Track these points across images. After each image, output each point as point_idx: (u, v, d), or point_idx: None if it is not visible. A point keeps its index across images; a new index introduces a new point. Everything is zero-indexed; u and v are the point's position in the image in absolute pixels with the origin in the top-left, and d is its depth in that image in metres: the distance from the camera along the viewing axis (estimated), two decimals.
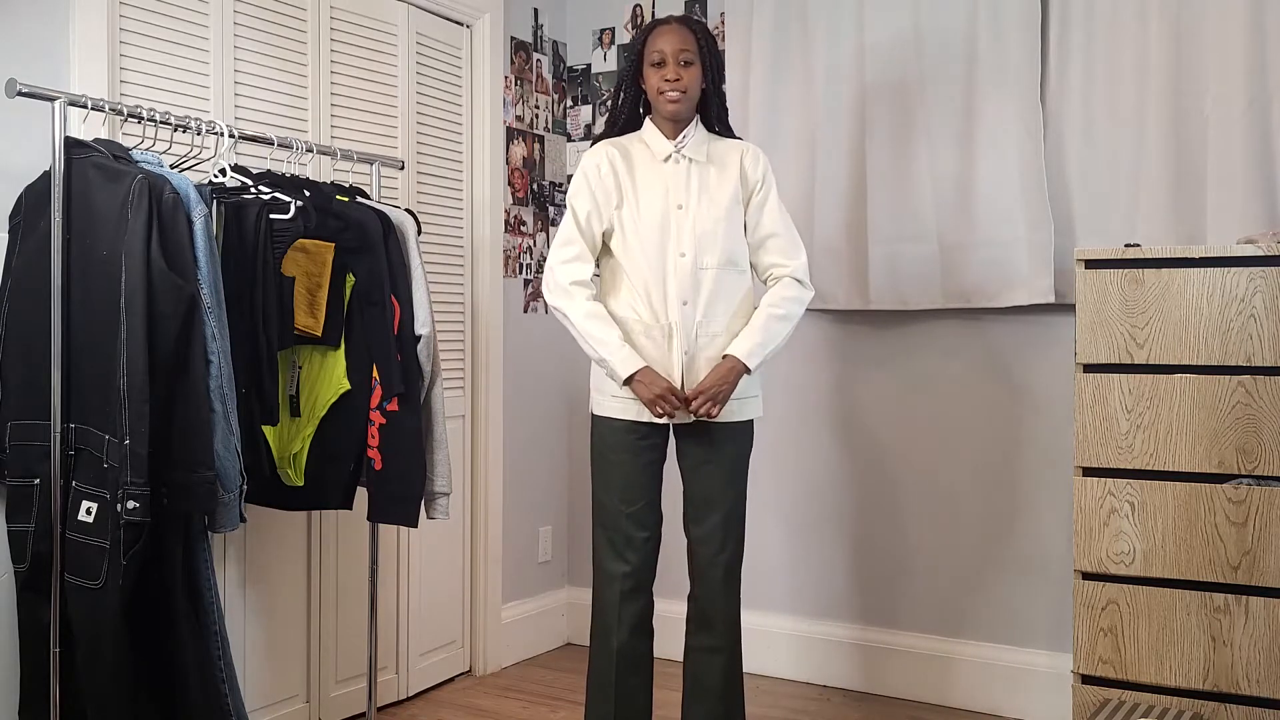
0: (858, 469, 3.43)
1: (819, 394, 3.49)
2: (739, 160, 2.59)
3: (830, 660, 3.46)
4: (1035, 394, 3.16)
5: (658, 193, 2.54)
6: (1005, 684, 3.19)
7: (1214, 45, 2.82)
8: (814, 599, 3.50)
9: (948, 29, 3.17)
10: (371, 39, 3.15)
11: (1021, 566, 3.18)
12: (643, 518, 2.53)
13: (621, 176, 2.54)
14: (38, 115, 2.26)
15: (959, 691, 3.26)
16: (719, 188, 2.55)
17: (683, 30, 2.54)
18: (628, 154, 2.58)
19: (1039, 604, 3.15)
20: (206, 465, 2.19)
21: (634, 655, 2.57)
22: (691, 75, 2.52)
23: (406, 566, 3.31)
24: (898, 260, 3.24)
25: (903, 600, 3.37)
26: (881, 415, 3.39)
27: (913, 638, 3.35)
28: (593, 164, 2.56)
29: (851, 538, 3.44)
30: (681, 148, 2.56)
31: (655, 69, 2.53)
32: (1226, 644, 2.37)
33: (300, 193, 2.55)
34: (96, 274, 2.15)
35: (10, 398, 2.22)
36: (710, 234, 2.51)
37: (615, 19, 3.85)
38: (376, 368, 2.62)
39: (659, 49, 2.52)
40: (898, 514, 3.37)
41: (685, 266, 2.50)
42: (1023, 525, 3.18)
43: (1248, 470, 2.35)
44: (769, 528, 3.57)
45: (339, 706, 3.08)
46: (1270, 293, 2.32)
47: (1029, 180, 3.04)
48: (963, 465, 3.27)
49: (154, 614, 2.24)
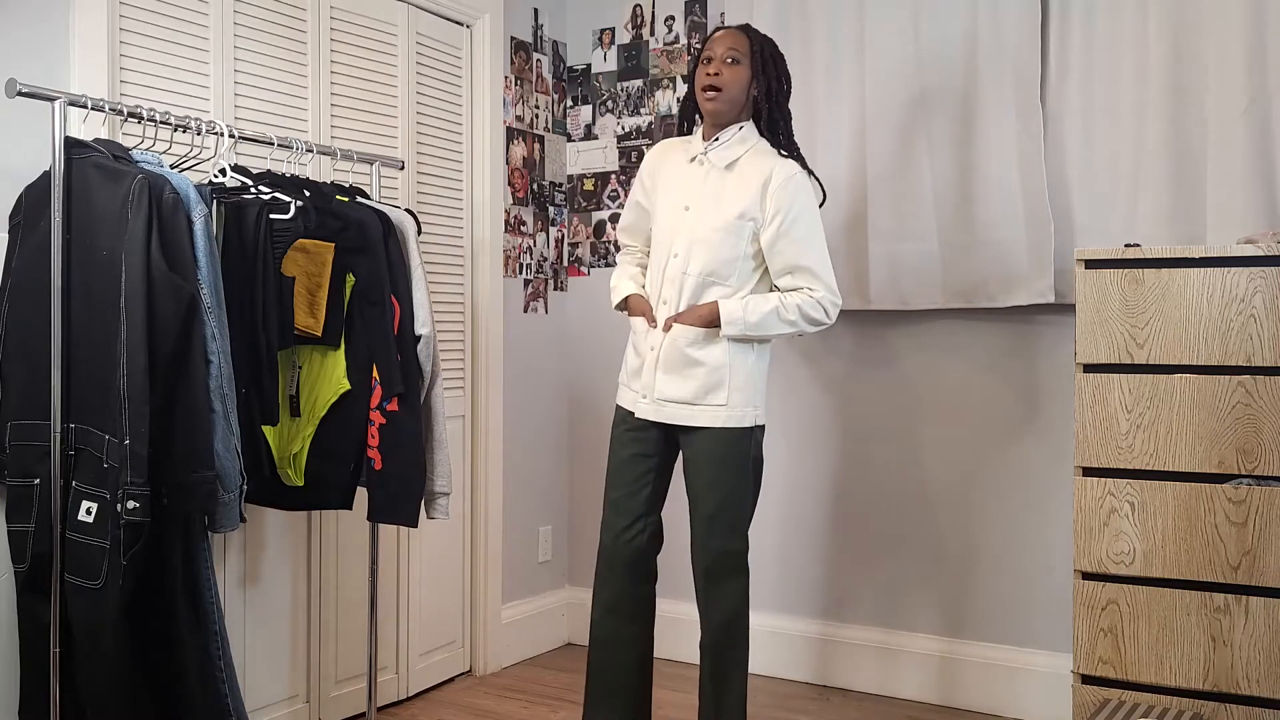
0: (857, 469, 3.43)
1: (819, 394, 3.49)
2: (765, 179, 2.51)
3: (830, 660, 3.46)
4: (1035, 394, 3.16)
5: (675, 192, 2.59)
6: (1005, 684, 3.19)
7: (1214, 45, 2.82)
8: (813, 599, 3.50)
9: (948, 29, 3.17)
10: (371, 39, 3.15)
11: (1021, 566, 3.18)
12: (622, 505, 2.63)
13: (656, 175, 2.68)
14: (38, 115, 2.26)
15: (959, 691, 3.26)
16: (733, 200, 2.52)
17: (737, 34, 2.56)
18: (673, 152, 2.67)
19: (1039, 604, 3.15)
20: (206, 465, 2.19)
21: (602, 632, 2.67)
22: (735, 75, 2.51)
23: (406, 566, 3.31)
24: (898, 260, 3.24)
25: (903, 600, 3.37)
26: (881, 415, 3.39)
27: (913, 638, 3.35)
28: (645, 160, 2.74)
29: (851, 538, 3.44)
30: (709, 150, 2.57)
31: (703, 66, 2.55)
32: (1226, 644, 2.37)
33: (300, 193, 2.55)
34: (97, 274, 2.15)
35: (10, 397, 2.22)
36: (702, 242, 2.52)
37: (615, 19, 3.85)
38: (376, 368, 2.62)
39: (710, 50, 2.55)
40: (898, 514, 3.37)
41: (675, 268, 2.55)
42: (1023, 525, 3.18)
43: (1248, 470, 2.35)
44: (769, 528, 3.57)
45: (339, 706, 3.08)
46: (1270, 293, 2.32)
47: (1029, 180, 3.04)
48: (963, 465, 3.27)
49: (154, 614, 2.23)
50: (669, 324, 2.54)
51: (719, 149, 2.56)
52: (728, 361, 2.52)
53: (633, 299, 2.66)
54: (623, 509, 2.64)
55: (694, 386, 2.53)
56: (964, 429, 3.27)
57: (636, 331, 2.64)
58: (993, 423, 3.23)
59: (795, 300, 2.52)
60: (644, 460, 2.63)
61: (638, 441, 2.63)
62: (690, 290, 2.53)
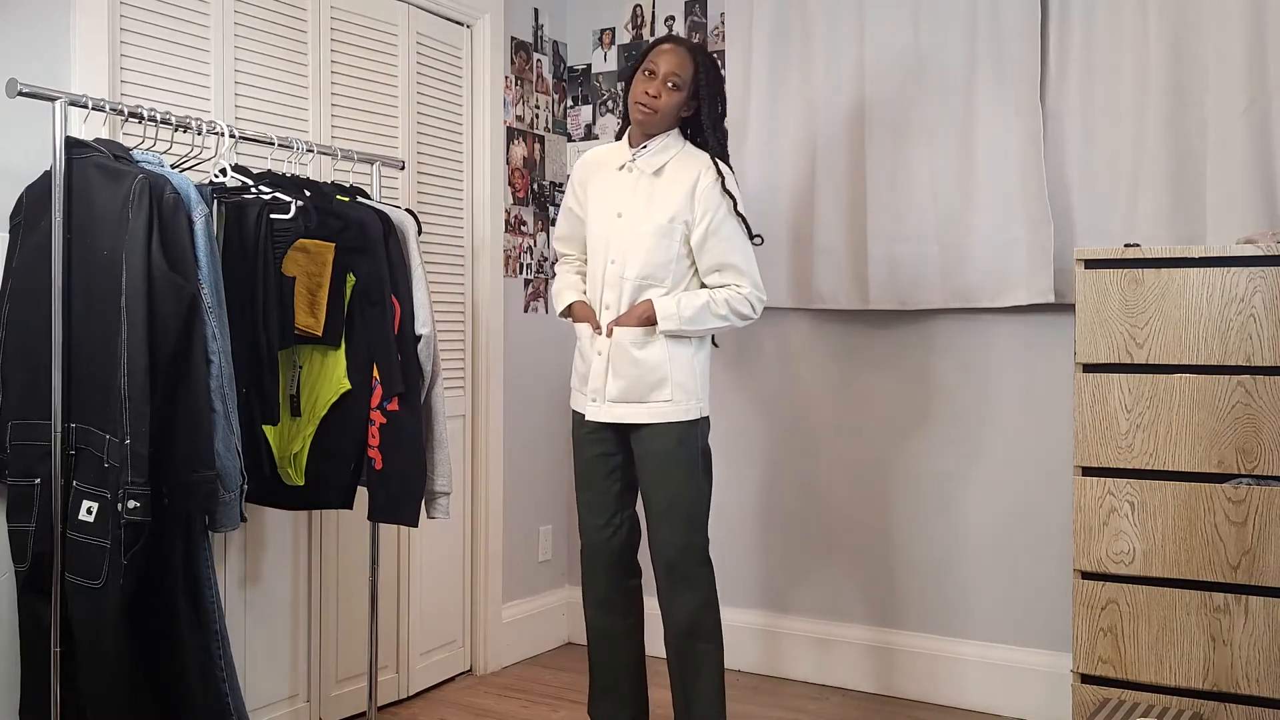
0: (857, 469, 3.43)
1: (819, 394, 3.49)
2: (694, 181, 2.59)
3: (830, 660, 3.46)
4: (1035, 394, 3.16)
5: (607, 200, 2.67)
6: (1005, 684, 3.19)
7: (1214, 45, 2.82)
8: (813, 598, 3.50)
9: (948, 29, 3.17)
10: (372, 39, 3.15)
11: (1021, 566, 3.18)
12: (596, 505, 2.72)
13: (588, 184, 2.74)
14: (38, 115, 2.26)
15: (959, 691, 3.26)
16: (662, 204, 2.60)
17: (685, 57, 2.59)
18: (602, 160, 2.74)
19: (1039, 604, 3.15)
20: (207, 465, 2.19)
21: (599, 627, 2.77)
22: (671, 99, 2.59)
23: (407, 566, 3.31)
24: (898, 260, 3.24)
25: (903, 600, 3.37)
26: (881, 415, 3.40)
27: (913, 637, 3.35)
28: (576, 169, 2.80)
29: (851, 537, 3.45)
30: (637, 157, 2.65)
31: (643, 78, 2.61)
32: (1226, 643, 2.37)
33: (301, 193, 2.55)
34: (97, 274, 2.16)
35: (11, 397, 2.22)
36: (635, 247, 2.60)
37: (615, 19, 3.85)
38: (377, 367, 2.63)
39: (655, 62, 2.60)
40: (898, 513, 3.37)
41: (613, 273, 2.63)
42: (1022, 525, 3.18)
43: (1247, 470, 2.35)
44: (768, 527, 3.57)
45: (339, 706, 3.08)
46: (1270, 293, 2.32)
47: (1029, 180, 3.04)
48: (962, 465, 3.27)
49: (154, 613, 2.24)
50: (610, 328, 2.61)
51: (646, 156, 2.64)
52: (668, 358, 2.60)
53: (576, 306, 2.73)
54: (597, 508, 2.72)
55: (639, 385, 2.60)
56: (963, 429, 3.27)
57: (582, 337, 2.71)
58: (992, 422, 3.23)
59: (724, 295, 2.61)
60: (609, 459, 2.70)
61: (599, 442, 2.70)
62: (629, 293, 2.61)
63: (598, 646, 2.79)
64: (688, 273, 2.64)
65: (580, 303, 2.72)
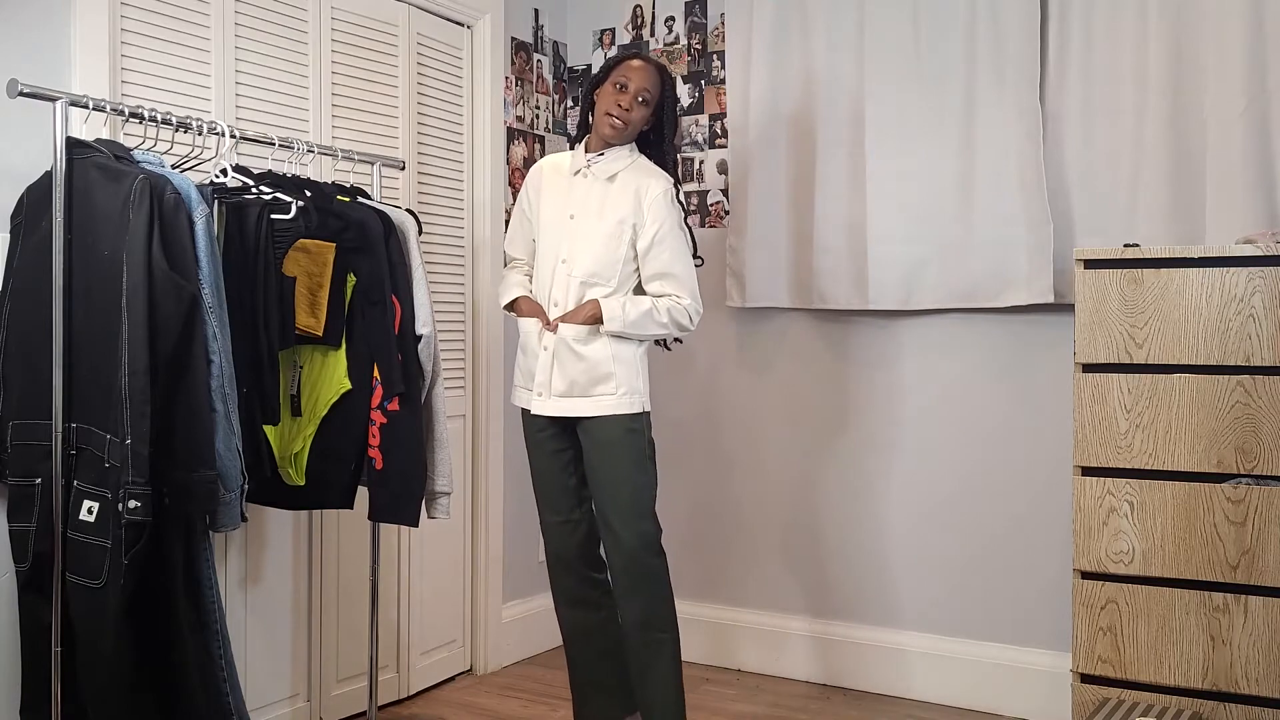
0: (857, 468, 3.44)
1: (818, 393, 3.49)
2: (645, 189, 2.68)
3: (830, 659, 3.47)
4: (1035, 394, 3.16)
5: (559, 203, 2.75)
6: (1005, 684, 3.19)
7: (1213, 45, 2.82)
8: (813, 598, 3.51)
9: (947, 29, 3.17)
10: (372, 39, 3.16)
11: (1021, 566, 3.18)
12: (555, 501, 2.78)
13: (541, 190, 2.81)
14: (39, 115, 2.26)
15: (959, 691, 3.26)
16: (613, 208, 2.69)
17: (654, 75, 2.71)
18: (554, 168, 2.81)
19: (1039, 604, 3.15)
20: (208, 465, 2.20)
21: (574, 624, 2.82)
22: (640, 114, 2.69)
23: (407, 566, 3.31)
24: (898, 260, 3.24)
25: (902, 599, 3.37)
26: (881, 415, 3.40)
27: (912, 637, 3.35)
28: (529, 177, 2.88)
29: (849, 537, 3.45)
30: (593, 163, 2.73)
31: (615, 91, 2.68)
32: (1225, 643, 2.37)
33: (301, 193, 2.55)
34: (98, 274, 2.16)
35: (12, 397, 2.22)
36: (584, 250, 2.68)
37: (615, 19, 3.85)
38: (377, 367, 2.63)
39: (627, 76, 2.68)
40: (898, 513, 3.38)
41: (563, 271, 2.70)
42: (1022, 524, 3.18)
43: (1247, 470, 2.35)
44: (768, 527, 3.57)
45: (339, 705, 3.09)
46: (1269, 293, 2.33)
47: (1029, 180, 3.04)
48: (962, 465, 3.27)
49: (155, 613, 2.24)
50: (555, 324, 2.67)
51: (602, 163, 2.73)
52: (611, 355, 2.66)
53: (522, 301, 2.79)
54: (556, 505, 2.78)
55: (584, 380, 2.66)
56: (963, 429, 3.27)
57: (528, 332, 2.75)
58: (992, 422, 3.23)
59: (665, 305, 2.68)
60: (562, 454, 2.75)
61: (551, 438, 2.76)
62: (577, 291, 2.69)
63: (575, 643, 2.84)
64: (632, 276, 2.72)
65: (526, 298, 2.79)
